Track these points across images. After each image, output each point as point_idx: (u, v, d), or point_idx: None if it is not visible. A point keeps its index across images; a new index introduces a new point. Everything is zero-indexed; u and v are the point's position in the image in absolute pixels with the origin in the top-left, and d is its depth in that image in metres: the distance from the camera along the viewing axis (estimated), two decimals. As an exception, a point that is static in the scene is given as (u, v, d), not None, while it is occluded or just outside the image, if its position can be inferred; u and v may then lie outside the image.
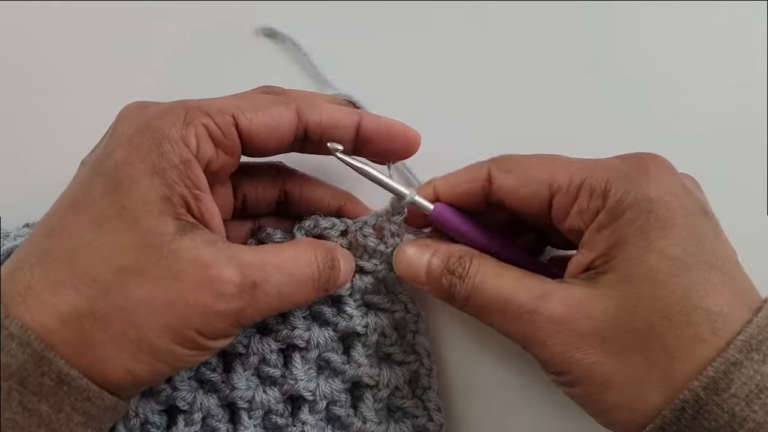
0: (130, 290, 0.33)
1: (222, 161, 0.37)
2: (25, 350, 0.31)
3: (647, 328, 0.33)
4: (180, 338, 0.33)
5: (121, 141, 0.35)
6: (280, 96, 0.39)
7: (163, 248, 0.33)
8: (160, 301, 0.33)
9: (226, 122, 0.36)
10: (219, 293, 0.33)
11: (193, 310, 0.33)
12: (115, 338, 0.33)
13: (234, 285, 0.34)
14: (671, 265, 0.33)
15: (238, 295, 0.34)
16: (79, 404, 0.32)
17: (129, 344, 0.33)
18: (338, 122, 0.39)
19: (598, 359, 0.33)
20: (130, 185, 0.34)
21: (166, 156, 0.34)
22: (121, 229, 0.33)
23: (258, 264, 0.35)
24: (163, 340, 0.33)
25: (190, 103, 0.36)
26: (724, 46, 0.46)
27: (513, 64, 0.48)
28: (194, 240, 0.34)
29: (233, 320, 0.34)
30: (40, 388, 0.32)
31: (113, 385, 0.33)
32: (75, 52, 0.49)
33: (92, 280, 0.33)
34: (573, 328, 0.34)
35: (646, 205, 0.34)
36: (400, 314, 0.43)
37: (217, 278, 0.33)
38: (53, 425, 0.32)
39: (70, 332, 0.32)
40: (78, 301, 0.33)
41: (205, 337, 0.34)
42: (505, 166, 0.39)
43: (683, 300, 0.33)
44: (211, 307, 0.33)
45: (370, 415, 0.43)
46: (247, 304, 0.34)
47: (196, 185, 0.35)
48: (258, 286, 0.34)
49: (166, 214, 0.34)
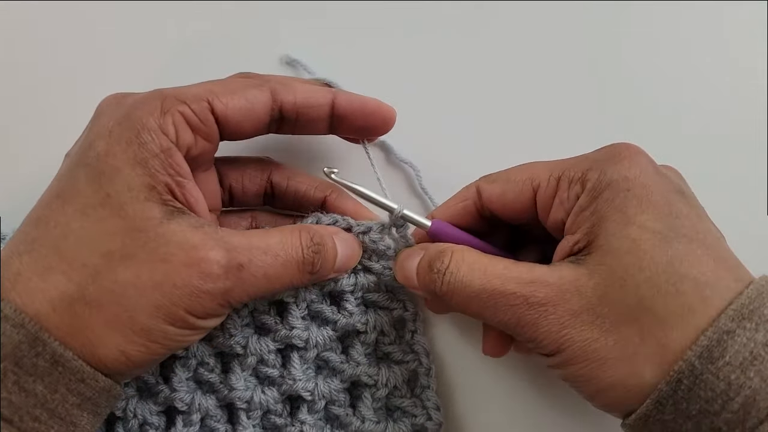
0: (118, 274, 0.34)
1: (201, 147, 0.38)
2: (20, 331, 0.32)
3: (637, 301, 0.33)
4: (171, 318, 0.34)
5: (101, 133, 0.35)
6: (254, 79, 0.40)
7: (149, 232, 0.34)
8: (148, 283, 0.34)
9: (202, 108, 0.37)
10: (205, 273, 0.34)
11: (181, 290, 0.34)
12: (107, 321, 0.33)
13: (220, 265, 0.34)
14: (652, 237, 0.33)
15: (224, 276, 0.35)
16: (74, 385, 0.33)
17: (121, 326, 0.33)
18: (312, 101, 0.40)
19: (591, 335, 0.33)
20: (113, 174, 0.34)
21: (146, 146, 0.35)
22: (107, 216, 0.34)
23: (244, 247, 0.36)
24: (154, 320, 0.34)
25: (167, 91, 0.37)
26: (724, 46, 0.46)
27: (514, 67, 0.48)
28: (180, 224, 0.35)
29: (222, 300, 0.35)
30: (35, 369, 0.32)
31: (108, 367, 0.34)
32: (75, 54, 0.49)
33: (81, 266, 0.34)
34: (565, 307, 0.34)
35: (623, 184, 0.35)
36: (399, 312, 0.43)
37: (203, 259, 0.34)
38: (49, 405, 0.33)
39: (62, 317, 0.33)
40: (68, 286, 0.33)
41: (195, 317, 0.35)
42: (490, 178, 0.41)
43: (669, 269, 0.33)
44: (198, 287, 0.34)
45: (369, 414, 0.43)
46: (234, 284, 0.35)
47: (179, 172, 0.36)
48: (244, 267, 0.35)
49: (152, 200, 0.35)
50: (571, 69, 0.48)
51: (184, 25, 0.50)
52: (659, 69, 0.47)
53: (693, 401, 0.31)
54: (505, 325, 0.36)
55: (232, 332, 0.42)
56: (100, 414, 0.35)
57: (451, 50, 0.49)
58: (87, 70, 0.49)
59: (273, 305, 0.43)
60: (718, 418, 0.31)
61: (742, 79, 0.46)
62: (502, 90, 0.48)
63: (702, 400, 0.31)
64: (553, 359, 0.35)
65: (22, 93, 0.49)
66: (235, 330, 0.42)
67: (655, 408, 0.32)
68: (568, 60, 0.48)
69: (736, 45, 0.46)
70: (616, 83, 0.47)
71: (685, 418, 0.31)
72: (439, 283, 0.37)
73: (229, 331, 0.42)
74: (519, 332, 0.35)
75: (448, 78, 0.48)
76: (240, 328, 0.42)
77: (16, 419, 0.32)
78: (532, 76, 0.48)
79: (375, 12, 0.49)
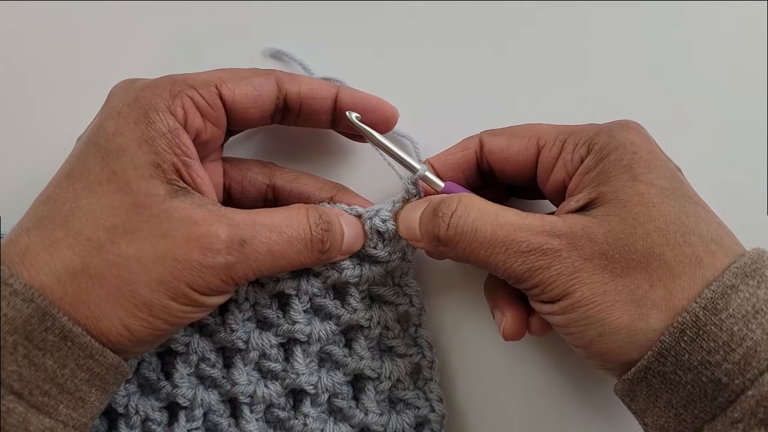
0: (121, 247, 0.34)
1: (210, 132, 0.38)
2: (29, 305, 0.32)
3: (647, 247, 0.34)
4: (173, 293, 0.34)
5: (111, 114, 0.36)
6: (260, 69, 0.41)
7: (153, 208, 0.35)
8: (150, 257, 0.34)
9: (210, 93, 0.38)
10: (207, 248, 0.34)
11: (182, 264, 0.34)
12: (109, 294, 0.33)
13: (220, 240, 0.35)
14: (661, 192, 0.35)
15: (226, 251, 0.35)
16: (83, 360, 0.33)
17: (123, 299, 0.34)
18: (316, 93, 0.41)
19: (602, 278, 0.34)
20: (120, 153, 0.35)
21: (154, 125, 0.36)
22: (112, 192, 0.35)
23: (247, 223, 0.36)
24: (155, 294, 0.34)
25: (176, 76, 0.38)
26: (724, 46, 0.46)
27: (516, 68, 0.48)
28: (184, 201, 0.35)
29: (224, 275, 0.35)
30: (45, 343, 0.32)
31: (111, 342, 0.34)
32: (76, 55, 0.48)
33: (86, 239, 0.34)
34: (578, 252, 0.34)
35: (630, 147, 0.36)
36: (405, 307, 0.43)
37: (204, 234, 0.34)
38: (58, 380, 0.33)
39: (66, 289, 0.33)
40: (72, 259, 0.33)
41: (197, 292, 0.35)
42: (495, 132, 0.41)
43: (677, 222, 0.34)
44: (200, 262, 0.34)
45: (372, 406, 0.43)
46: (237, 260, 0.35)
47: (185, 152, 0.36)
48: (247, 242, 0.35)
49: (156, 178, 0.35)
50: (570, 68, 0.48)
51: (180, 23, 0.49)
52: (659, 69, 0.47)
53: (695, 352, 0.32)
54: (513, 272, 0.35)
55: (234, 327, 0.42)
56: (107, 391, 0.35)
57: (459, 67, 0.48)
58: (86, 70, 0.48)
59: (275, 299, 0.43)
60: (719, 368, 0.31)
61: (742, 79, 0.46)
62: (501, 91, 0.48)
63: (704, 351, 0.32)
64: (557, 305, 0.35)
65: (21, 93, 0.48)
66: (236, 325, 0.42)
67: (656, 359, 0.33)
68: (567, 59, 0.48)
69: (736, 45, 0.46)
70: (615, 83, 0.47)
71: (686, 369, 0.32)
72: (444, 226, 0.37)
73: (230, 326, 0.42)
74: (526, 278, 0.35)
75: (452, 94, 0.48)
76: (241, 323, 0.42)
77: (26, 393, 0.32)
78: (532, 75, 0.48)
79: (382, 29, 0.49)
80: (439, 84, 0.48)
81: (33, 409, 0.32)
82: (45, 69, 0.48)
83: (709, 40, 0.47)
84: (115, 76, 0.39)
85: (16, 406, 0.32)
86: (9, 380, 0.32)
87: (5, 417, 0.31)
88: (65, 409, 0.33)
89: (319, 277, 0.42)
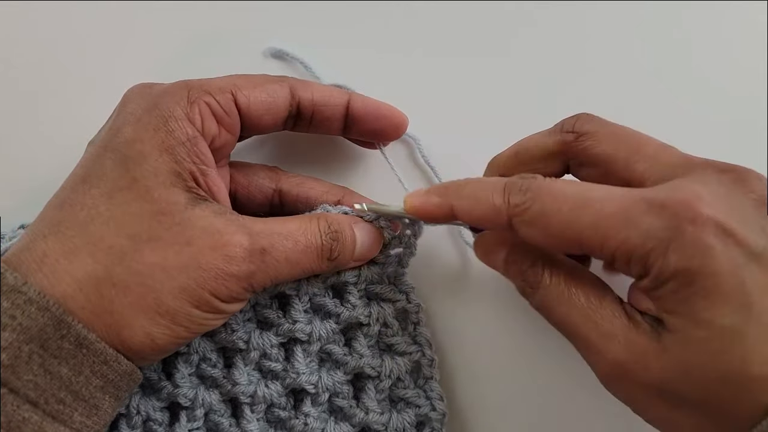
0: (144, 255, 0.34)
1: (224, 138, 0.39)
2: (44, 314, 0.32)
3: (704, 393, 0.31)
4: (196, 300, 0.35)
5: (128, 119, 0.36)
6: (273, 76, 0.41)
7: (175, 216, 0.35)
8: (175, 265, 0.34)
9: (227, 99, 0.38)
10: (230, 257, 0.35)
11: (206, 272, 0.34)
12: (133, 302, 0.34)
13: (243, 249, 0.35)
14: (722, 335, 0.30)
15: (248, 259, 0.35)
16: (97, 367, 0.33)
17: (147, 308, 0.34)
18: (329, 100, 0.41)
19: (657, 408, 0.32)
20: (140, 159, 0.35)
21: (173, 134, 0.36)
22: (133, 199, 0.35)
23: (266, 232, 0.37)
24: (179, 302, 0.34)
25: (192, 82, 0.38)
26: (724, 46, 0.46)
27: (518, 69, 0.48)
28: (204, 210, 0.36)
29: (246, 283, 0.36)
30: (60, 351, 0.32)
31: (132, 350, 0.34)
32: (75, 55, 0.48)
33: (108, 247, 0.34)
34: (632, 376, 0.32)
35: (686, 277, 0.31)
36: (402, 304, 0.43)
37: (228, 243, 0.35)
38: (73, 387, 0.33)
39: (89, 298, 0.33)
40: (94, 267, 0.33)
41: (219, 300, 0.35)
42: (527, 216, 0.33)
43: (740, 370, 0.30)
44: (223, 270, 0.35)
45: (373, 405, 0.43)
46: (257, 268, 0.36)
47: (203, 161, 0.37)
48: (266, 251, 0.36)
49: (177, 186, 0.35)
50: (569, 68, 0.48)
51: (181, 23, 0.49)
52: (658, 69, 0.47)
53: None
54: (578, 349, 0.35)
55: (234, 327, 0.42)
56: (119, 398, 0.35)
57: (461, 68, 0.48)
58: (87, 70, 0.48)
59: (275, 299, 0.43)
60: None
61: (742, 79, 0.46)
62: (502, 90, 0.48)
63: None
64: None
65: (22, 93, 0.48)
66: (237, 325, 0.42)
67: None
68: (567, 59, 0.48)
69: (736, 45, 0.46)
70: (615, 83, 0.47)
71: None
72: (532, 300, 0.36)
73: (231, 327, 0.42)
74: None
75: (454, 96, 0.48)
76: (242, 323, 0.42)
77: (41, 402, 0.32)
78: (535, 74, 0.48)
79: (384, 30, 0.49)
80: (439, 84, 0.48)
81: (48, 418, 0.32)
82: (45, 69, 0.48)
83: (709, 40, 0.47)
84: (115, 77, 0.39)
85: (32, 415, 0.32)
86: (25, 389, 0.32)
87: (21, 426, 0.31)
88: (79, 416, 0.33)
89: (318, 277, 0.42)
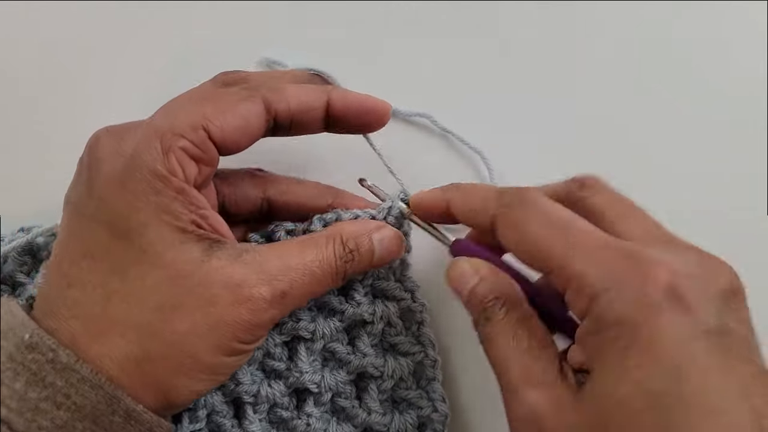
0: (174, 325, 0.34)
1: (205, 174, 0.37)
2: (98, 392, 0.33)
3: None
4: (229, 351, 0.36)
5: (111, 186, 0.35)
6: (243, 88, 0.38)
7: (193, 277, 0.35)
8: (204, 328, 0.35)
9: (200, 138, 0.36)
10: (254, 310, 0.35)
11: (234, 327, 0.35)
12: (174, 369, 0.34)
13: (265, 300, 0.36)
14: (645, 401, 0.28)
15: (271, 307, 0.36)
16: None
17: (188, 370, 0.35)
18: (307, 106, 0.39)
19: None
20: (141, 230, 0.35)
21: (163, 193, 0.35)
22: (147, 271, 0.34)
23: (282, 272, 0.36)
24: (216, 357, 0.35)
25: (160, 126, 0.36)
26: (724, 46, 0.47)
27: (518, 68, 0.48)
28: (221, 259, 0.35)
29: (270, 325, 0.37)
30: (111, 425, 0.33)
31: (180, 406, 0.36)
32: (75, 56, 0.49)
33: (135, 325, 0.34)
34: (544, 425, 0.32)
35: (630, 328, 0.29)
36: (407, 303, 0.43)
37: (250, 297, 0.35)
38: None
39: (132, 377, 0.34)
40: (129, 348, 0.34)
41: (247, 344, 0.36)
42: (510, 217, 0.36)
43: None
44: (249, 322, 0.35)
45: (375, 406, 0.43)
46: (280, 311, 0.37)
47: (198, 206, 0.36)
48: (287, 294, 0.36)
49: (188, 242, 0.35)
50: (569, 68, 0.48)
51: (178, 29, 0.49)
52: (658, 69, 0.47)
53: None
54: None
55: (237, 327, 0.42)
56: None
57: (451, 50, 0.48)
58: (84, 73, 0.48)
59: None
60: None
61: (742, 79, 0.46)
62: (503, 89, 0.48)
63: None
64: None
65: (21, 93, 0.48)
66: (240, 325, 0.42)
67: None
68: (567, 58, 0.48)
69: (736, 45, 0.47)
70: (615, 83, 0.47)
71: None
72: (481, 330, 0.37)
73: (233, 327, 0.42)
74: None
75: (448, 78, 0.48)
76: (245, 323, 0.42)
77: None
78: (533, 74, 0.48)
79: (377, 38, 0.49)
80: (439, 84, 0.48)
81: None
82: (46, 70, 0.48)
83: (709, 40, 0.47)
84: (115, 80, 0.39)
85: None
86: None
87: None
88: None
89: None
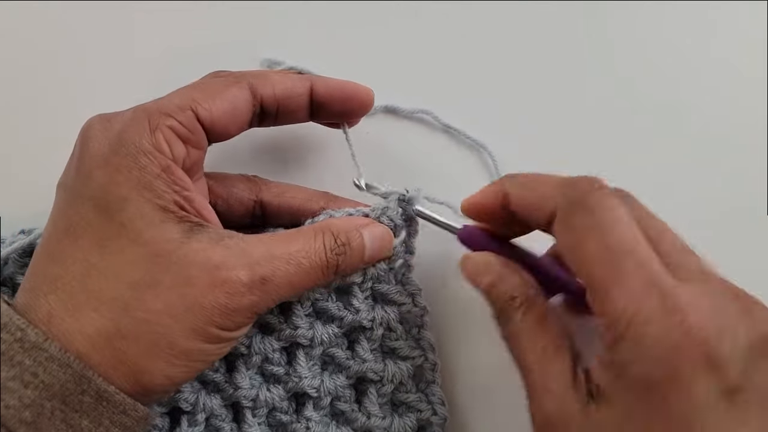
0: (148, 303, 0.34)
1: (193, 156, 0.37)
2: (66, 371, 0.32)
3: None
4: (206, 336, 0.35)
5: (96, 162, 0.35)
6: (230, 77, 0.39)
7: (171, 255, 0.34)
8: (180, 309, 0.34)
9: (188, 118, 0.36)
10: (231, 293, 0.35)
11: (211, 311, 0.34)
12: (147, 350, 0.34)
13: (243, 284, 0.35)
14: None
15: (249, 292, 0.35)
16: (116, 417, 0.34)
17: (161, 353, 0.34)
18: (291, 92, 0.40)
19: None
20: (122, 204, 0.34)
21: (147, 169, 0.35)
22: (125, 246, 0.34)
23: (266, 258, 0.36)
24: (191, 341, 0.34)
25: (150, 107, 0.36)
26: (724, 46, 0.47)
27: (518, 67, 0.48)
28: (201, 241, 0.35)
29: (249, 313, 0.36)
30: (81, 405, 0.33)
31: (153, 392, 0.35)
32: (75, 57, 0.49)
33: (110, 299, 0.34)
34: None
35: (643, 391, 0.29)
36: (407, 307, 0.43)
37: (227, 280, 0.35)
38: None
39: (104, 354, 0.33)
40: (102, 322, 0.33)
41: (228, 331, 0.36)
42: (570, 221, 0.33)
43: None
44: (227, 306, 0.35)
45: (375, 410, 0.43)
46: (260, 298, 0.36)
47: (183, 187, 0.36)
48: (267, 280, 0.36)
49: (168, 221, 0.35)
50: (569, 68, 0.48)
51: (175, 30, 0.49)
52: (658, 69, 0.47)
53: None
54: None
55: (236, 332, 0.42)
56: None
57: (450, 50, 0.48)
58: (84, 73, 0.48)
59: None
60: None
61: (742, 80, 0.46)
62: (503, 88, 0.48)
63: None
64: None
65: (21, 93, 0.48)
66: (238, 330, 0.42)
67: None
68: (567, 59, 0.48)
69: (736, 45, 0.46)
70: (615, 83, 0.47)
71: None
72: (503, 330, 0.36)
73: (232, 331, 0.42)
74: None
75: (448, 78, 0.48)
76: (243, 328, 0.42)
77: None
78: (532, 79, 0.48)
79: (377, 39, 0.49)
80: (439, 84, 0.48)
81: None
82: (46, 70, 0.48)
83: (710, 41, 0.47)
84: (114, 81, 0.39)
85: None
86: None
87: None
88: None
89: (322, 280, 0.42)
